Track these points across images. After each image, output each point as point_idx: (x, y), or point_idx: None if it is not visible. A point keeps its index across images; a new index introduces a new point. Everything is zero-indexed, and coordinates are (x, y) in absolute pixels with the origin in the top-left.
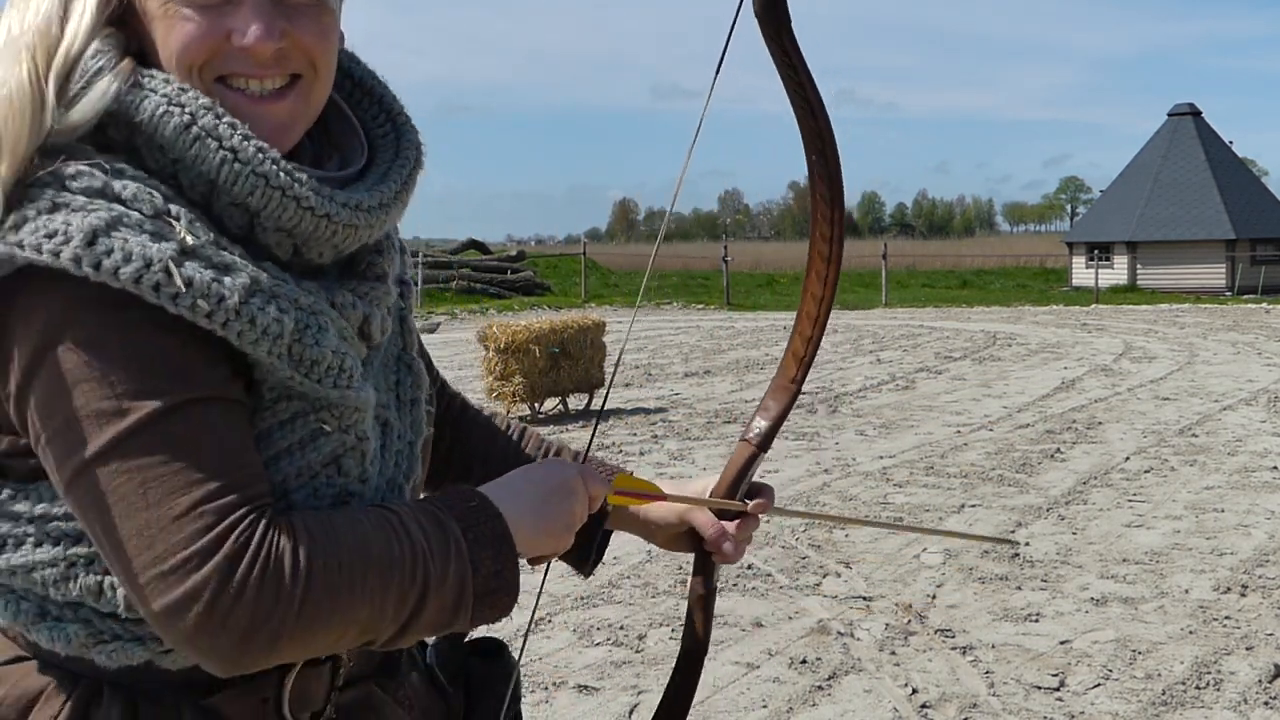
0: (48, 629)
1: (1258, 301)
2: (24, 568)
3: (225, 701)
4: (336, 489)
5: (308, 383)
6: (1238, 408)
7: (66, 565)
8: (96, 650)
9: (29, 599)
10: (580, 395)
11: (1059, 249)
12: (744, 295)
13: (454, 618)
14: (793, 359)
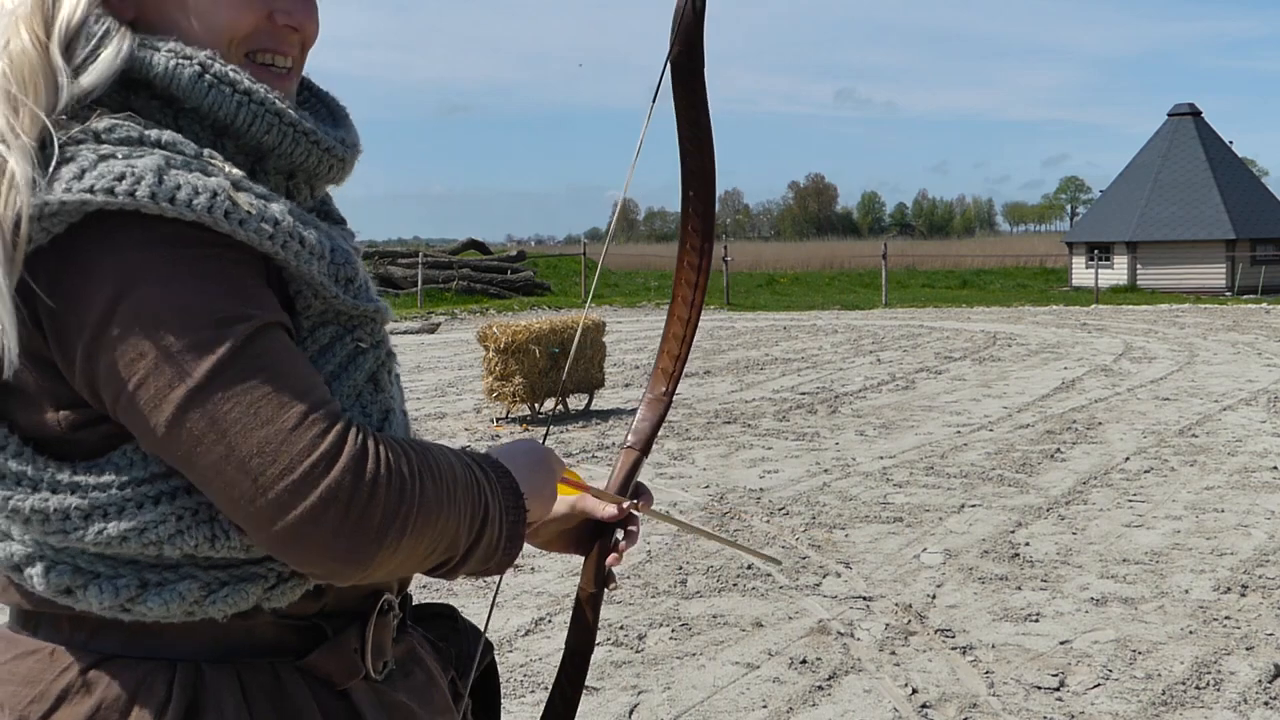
0: (156, 596)
1: (1258, 301)
2: (135, 530)
3: (319, 659)
4: (380, 406)
5: (347, 299)
6: (1238, 408)
7: (177, 519)
8: (210, 603)
9: (125, 575)
10: (580, 395)
11: (1059, 249)
12: (744, 295)
13: (489, 557)
14: (662, 375)
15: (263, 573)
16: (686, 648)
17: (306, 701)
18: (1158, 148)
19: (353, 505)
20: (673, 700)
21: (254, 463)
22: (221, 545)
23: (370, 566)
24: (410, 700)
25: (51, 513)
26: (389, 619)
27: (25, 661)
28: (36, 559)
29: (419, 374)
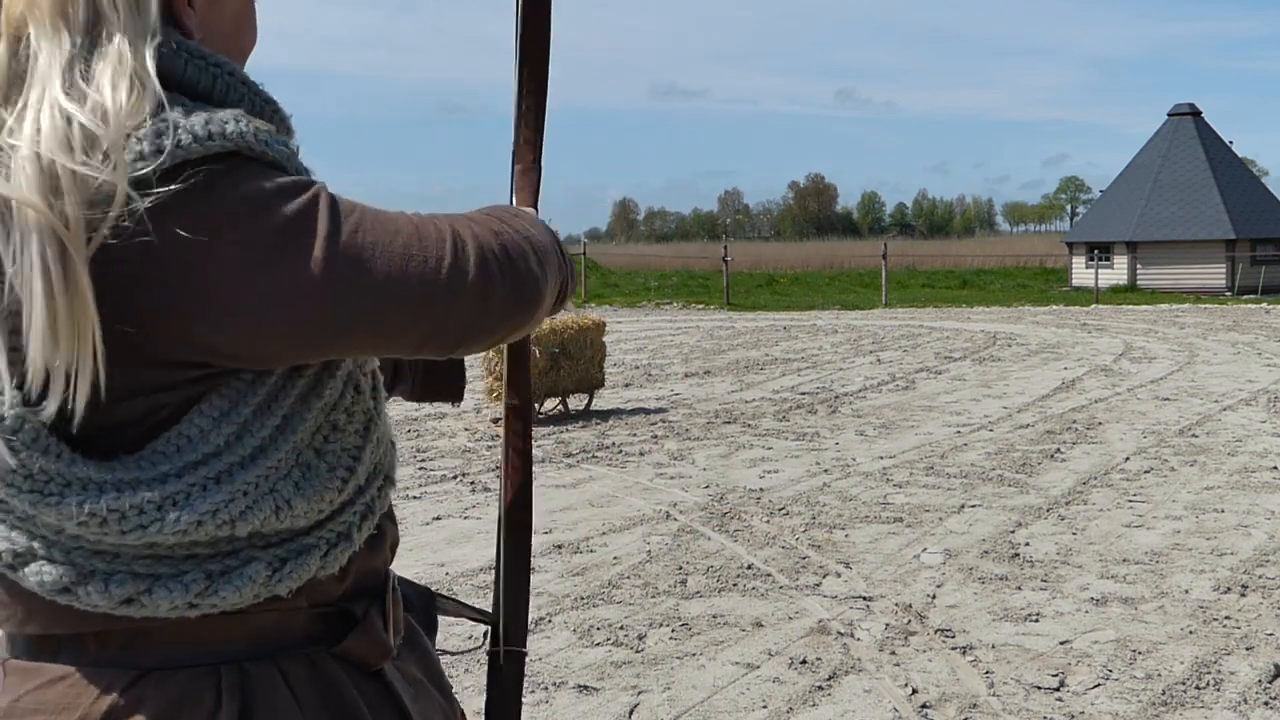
0: (226, 585)
1: (1258, 301)
2: (209, 512)
3: (354, 644)
4: None
5: None
6: (1238, 408)
7: (244, 495)
8: (276, 581)
9: (189, 570)
10: (580, 395)
11: (1059, 249)
12: (744, 295)
13: (554, 309)
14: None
15: (315, 541)
16: (686, 648)
17: (346, 688)
18: (1158, 148)
19: (508, 253)
20: (673, 700)
21: (413, 268)
22: (285, 515)
23: (542, 300)
24: (422, 674)
25: (128, 509)
26: (398, 595)
27: (54, 688)
28: (90, 575)
29: None
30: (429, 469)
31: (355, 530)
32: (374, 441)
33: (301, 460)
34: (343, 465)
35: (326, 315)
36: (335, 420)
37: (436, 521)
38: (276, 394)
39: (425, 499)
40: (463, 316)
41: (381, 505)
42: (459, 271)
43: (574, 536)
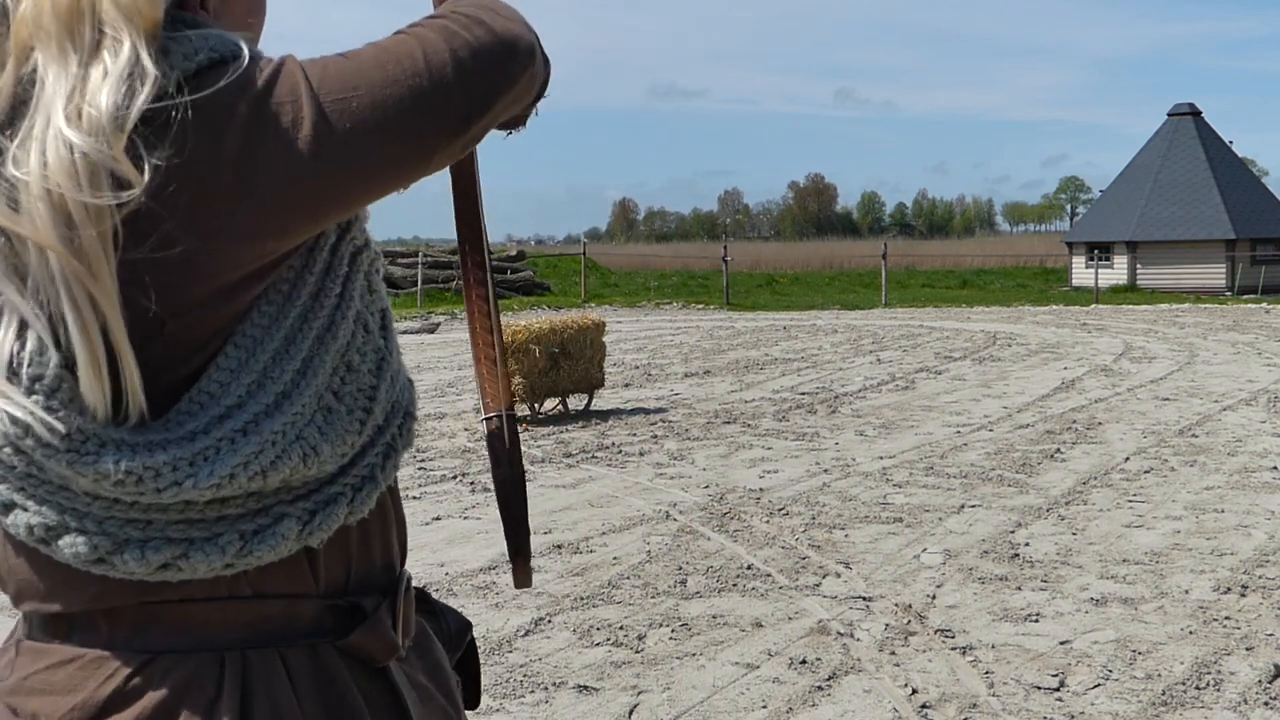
0: (261, 544)
1: (1258, 301)
2: (241, 465)
3: (360, 639)
4: (378, 306)
5: None
6: (1238, 408)
7: (273, 445)
8: (308, 533)
9: (224, 532)
10: (580, 395)
11: (1059, 249)
12: (744, 295)
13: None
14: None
15: (341, 489)
16: (686, 648)
17: (347, 683)
18: (1158, 148)
19: (474, 20)
20: (673, 700)
21: (429, 68)
22: (313, 461)
23: (532, 44)
24: (429, 681)
25: (163, 466)
26: (411, 595)
27: (63, 670)
28: (125, 544)
29: (419, 374)
30: (429, 469)
31: (379, 471)
32: (388, 380)
33: (323, 404)
34: (360, 406)
35: (338, 163)
36: (350, 360)
37: (436, 521)
38: (293, 338)
39: (425, 499)
40: (460, 93)
41: (404, 442)
42: (436, 59)
43: (574, 536)
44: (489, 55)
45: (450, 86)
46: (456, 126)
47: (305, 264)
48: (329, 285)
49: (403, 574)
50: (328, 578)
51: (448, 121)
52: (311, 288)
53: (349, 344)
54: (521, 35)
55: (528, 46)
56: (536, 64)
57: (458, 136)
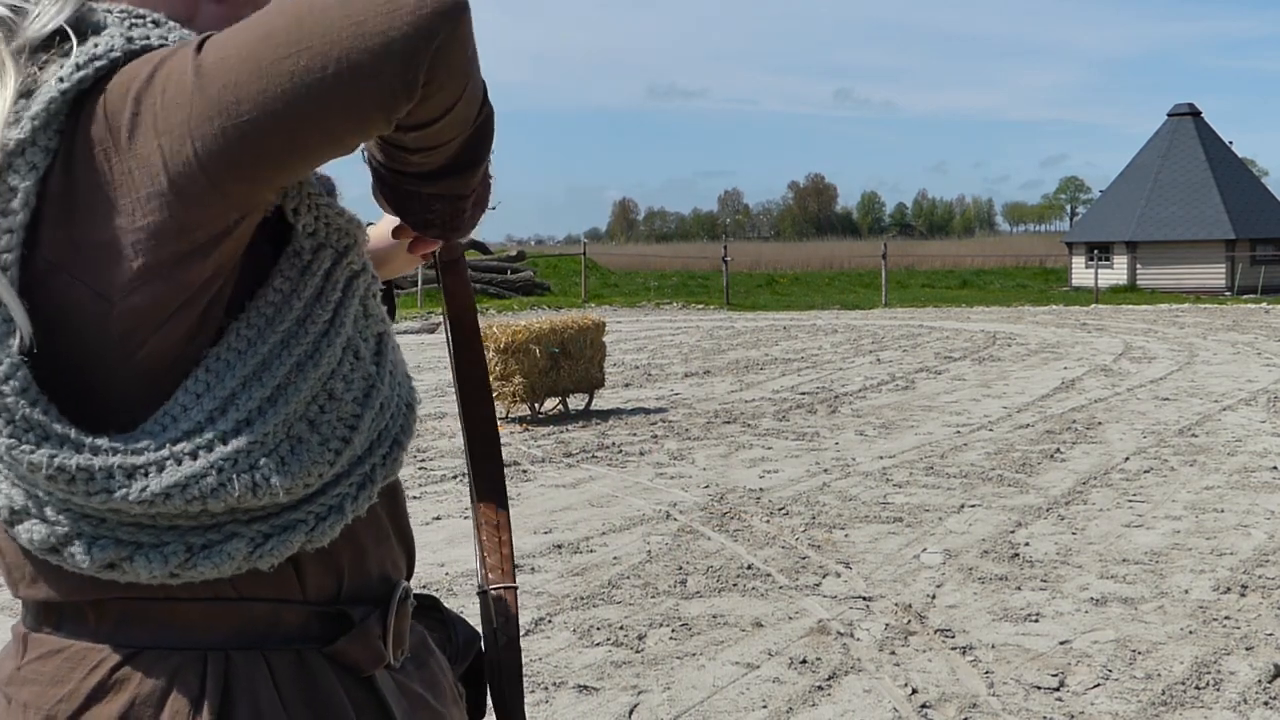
0: (206, 560)
1: (1258, 301)
2: (177, 487)
3: (346, 646)
4: (373, 330)
5: (337, 203)
6: (1238, 408)
7: (217, 472)
8: (258, 556)
9: (170, 542)
10: (580, 395)
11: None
12: (744, 295)
13: (481, 147)
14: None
15: (302, 517)
16: (686, 648)
17: (333, 688)
18: (1158, 148)
19: None
20: (673, 700)
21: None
22: (263, 493)
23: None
24: (425, 690)
25: (97, 471)
26: (407, 607)
27: (52, 660)
28: (76, 536)
29: (419, 374)
30: (429, 469)
31: (349, 503)
32: (375, 408)
33: (293, 434)
34: (337, 436)
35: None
36: (332, 389)
37: (436, 521)
38: (268, 364)
39: (425, 499)
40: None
41: (385, 473)
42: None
43: (574, 536)
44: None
45: (357, 68)
46: (372, 115)
47: (294, 288)
48: (318, 311)
49: (399, 586)
50: (315, 586)
51: (352, 115)
52: (298, 313)
53: (333, 372)
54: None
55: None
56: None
57: (378, 123)
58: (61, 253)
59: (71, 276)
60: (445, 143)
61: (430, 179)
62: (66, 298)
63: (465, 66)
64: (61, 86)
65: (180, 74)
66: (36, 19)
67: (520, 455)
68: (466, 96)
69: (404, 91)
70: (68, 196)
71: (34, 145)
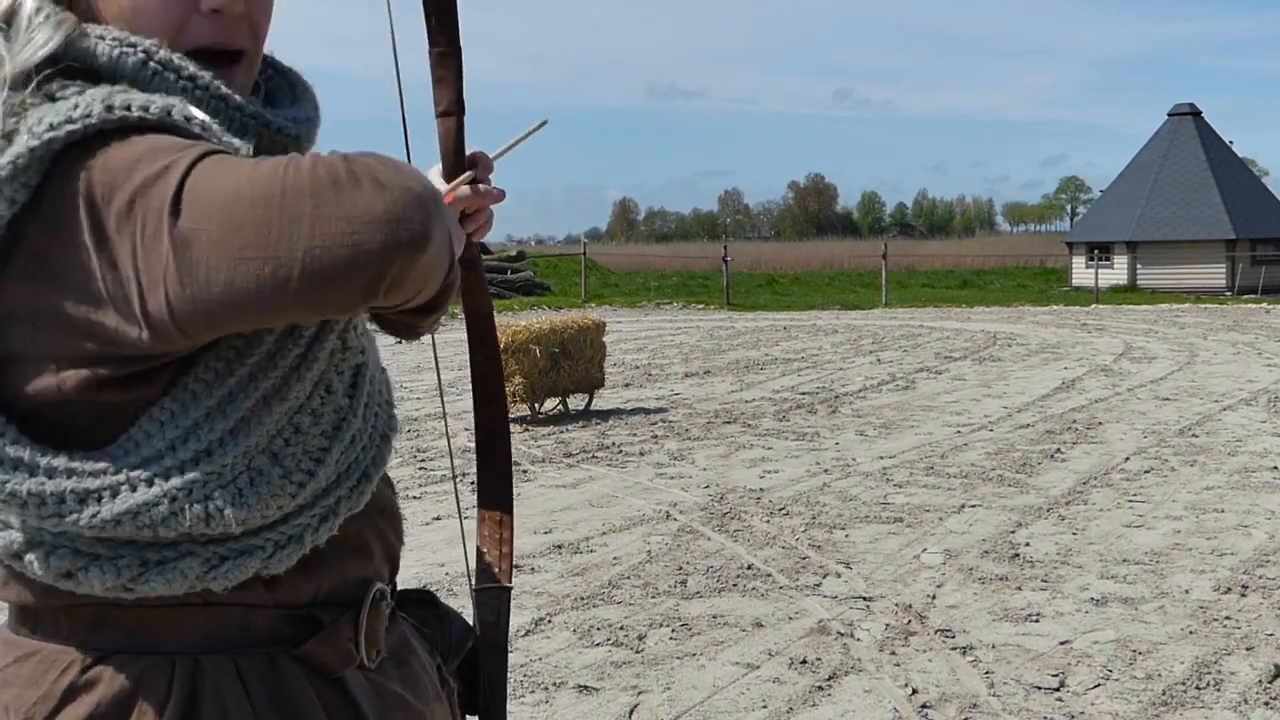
0: (158, 575)
1: (1258, 301)
2: (129, 514)
3: (314, 649)
4: (350, 363)
5: None
6: (1238, 408)
7: (170, 500)
8: (211, 578)
9: (125, 555)
10: (580, 395)
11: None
12: (744, 295)
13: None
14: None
15: (260, 543)
16: (686, 648)
17: (303, 690)
18: (1158, 148)
19: (385, 174)
20: (673, 700)
21: (271, 217)
22: (216, 524)
23: (414, 225)
24: (404, 690)
25: (48, 496)
26: (381, 608)
27: (27, 663)
28: (35, 545)
29: (419, 374)
30: (429, 469)
31: (310, 533)
32: (344, 441)
33: (253, 465)
34: (301, 469)
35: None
36: (298, 423)
37: (436, 521)
38: (233, 396)
39: (425, 499)
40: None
41: (350, 505)
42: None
43: (574, 536)
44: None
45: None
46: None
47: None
48: (288, 346)
49: (376, 590)
50: (286, 592)
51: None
52: (269, 347)
53: (301, 406)
54: (405, 214)
55: (412, 230)
56: (427, 253)
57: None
58: (21, 305)
59: (25, 330)
60: (410, 303)
61: (402, 312)
62: (17, 347)
63: (426, 278)
64: (32, 144)
65: (158, 222)
66: (26, 46)
67: (520, 455)
68: (425, 293)
69: (361, 304)
70: (38, 257)
71: (0, 196)
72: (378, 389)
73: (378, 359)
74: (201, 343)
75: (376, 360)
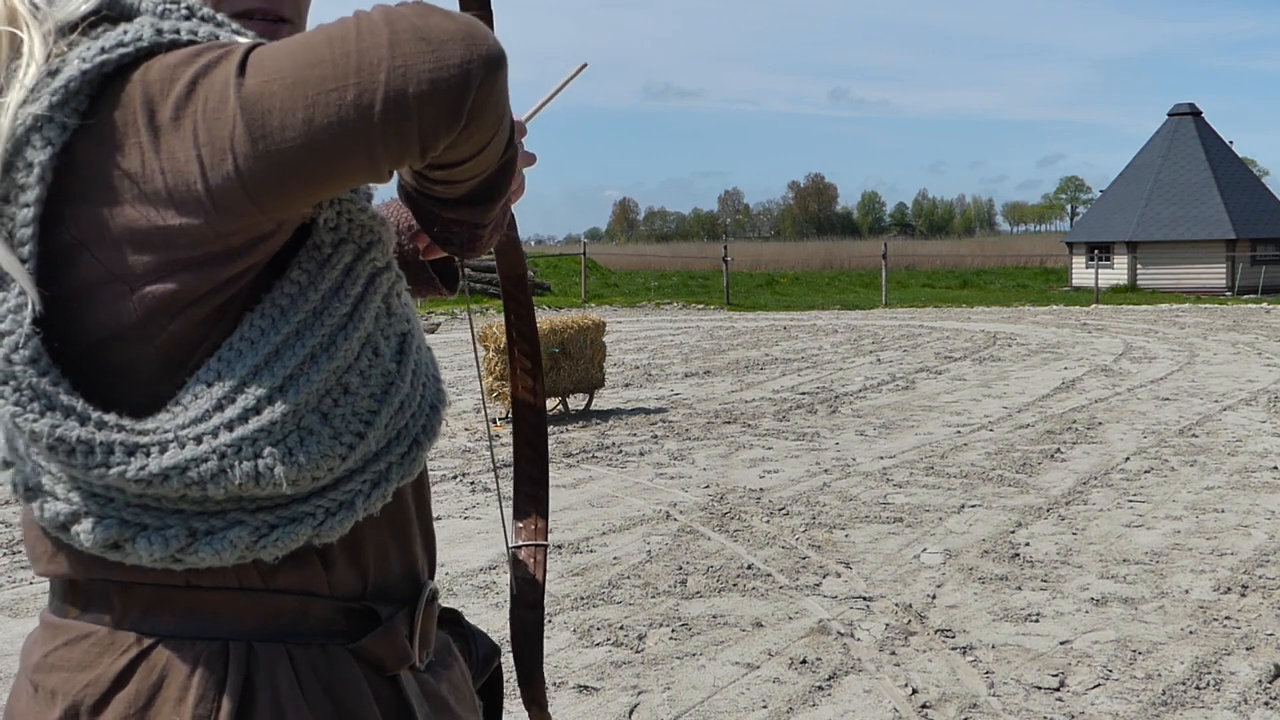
0: (207, 545)
1: (1258, 301)
2: (176, 468)
3: (372, 644)
4: (396, 330)
5: (361, 200)
6: (1238, 408)
7: (219, 458)
8: (260, 547)
9: (173, 525)
10: (580, 395)
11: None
12: (744, 295)
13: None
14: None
15: (310, 510)
16: (686, 648)
17: (357, 683)
18: (1158, 148)
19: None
20: (673, 700)
21: (337, 67)
22: (266, 481)
23: (490, 40)
24: (449, 694)
25: (97, 445)
26: (434, 609)
27: (79, 646)
28: (83, 515)
29: None
30: (429, 469)
31: (361, 500)
32: (393, 405)
33: (303, 424)
34: (351, 431)
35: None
36: (347, 383)
37: (436, 521)
38: (280, 353)
39: None
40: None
41: (403, 472)
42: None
43: (574, 536)
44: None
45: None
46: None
47: (311, 280)
48: (335, 305)
49: (425, 586)
50: (341, 581)
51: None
52: (314, 305)
53: (349, 366)
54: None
55: (486, 53)
56: (498, 84)
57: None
58: (86, 231)
59: (94, 256)
60: (469, 179)
61: (450, 205)
62: (89, 276)
63: (500, 112)
64: (83, 67)
65: (223, 89)
66: (68, 5)
67: None
68: (496, 140)
69: (445, 132)
70: (96, 177)
71: (51, 122)
72: (424, 361)
73: (423, 336)
74: (271, 220)
75: (422, 335)
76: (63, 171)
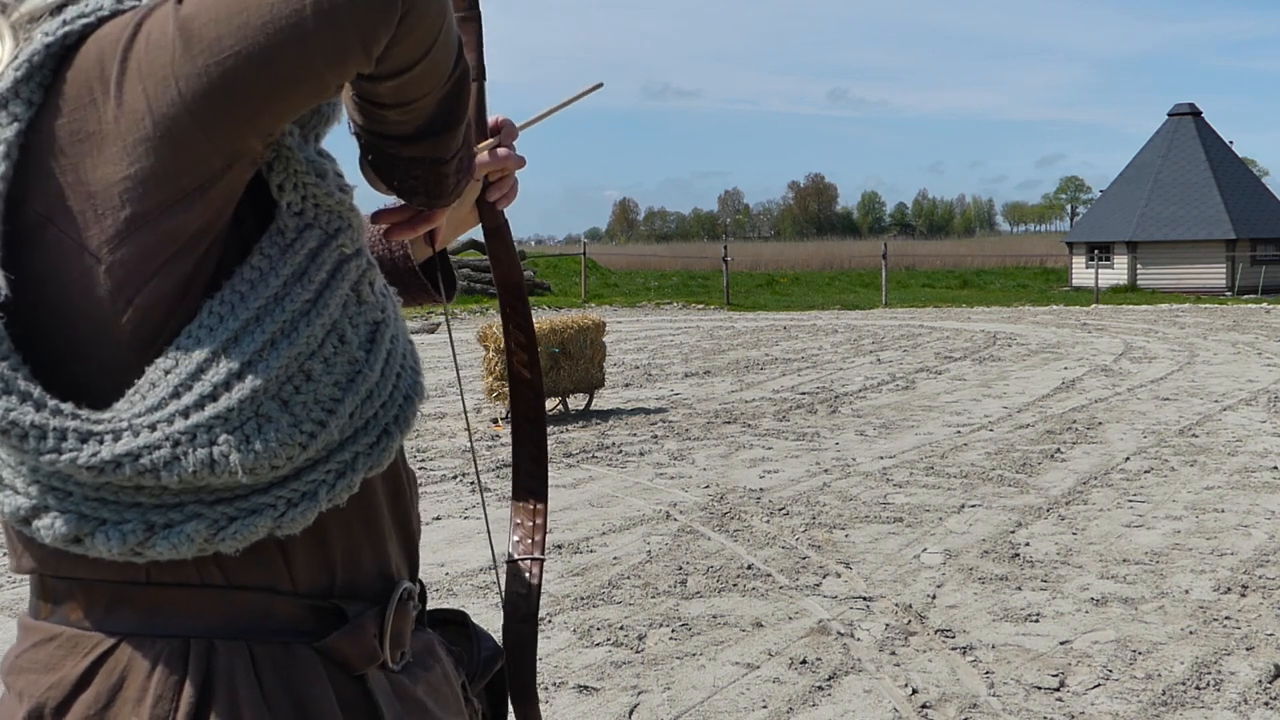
0: (164, 540)
1: (1258, 301)
2: (129, 455)
3: (337, 642)
4: (366, 318)
5: (328, 185)
6: (1238, 408)
7: (172, 445)
8: (219, 540)
9: (130, 519)
10: (580, 395)
11: (1059, 249)
12: (744, 295)
13: (451, 124)
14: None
15: (271, 501)
16: (686, 648)
17: (320, 682)
18: (1158, 148)
19: None
20: (673, 700)
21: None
22: (221, 470)
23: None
24: (425, 696)
25: (50, 430)
26: (408, 609)
27: (44, 649)
28: (43, 509)
29: None
30: (429, 469)
31: (325, 490)
32: (359, 394)
33: (261, 411)
34: (312, 418)
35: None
36: (310, 369)
37: (436, 521)
38: (239, 338)
39: (425, 499)
40: None
41: (370, 463)
42: None
43: (574, 536)
44: None
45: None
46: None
47: (272, 266)
48: (297, 290)
49: (399, 585)
50: (307, 576)
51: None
52: (274, 290)
53: (313, 353)
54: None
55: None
56: None
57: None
58: (50, 204)
59: (60, 230)
60: (421, 97)
61: (409, 141)
62: (55, 252)
63: (441, 13)
64: (46, 40)
65: (163, 21)
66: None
67: None
68: (441, 40)
69: (382, 20)
70: (58, 147)
71: (16, 98)
72: (401, 352)
73: (404, 329)
74: (220, 152)
75: (402, 328)
76: (27, 148)
